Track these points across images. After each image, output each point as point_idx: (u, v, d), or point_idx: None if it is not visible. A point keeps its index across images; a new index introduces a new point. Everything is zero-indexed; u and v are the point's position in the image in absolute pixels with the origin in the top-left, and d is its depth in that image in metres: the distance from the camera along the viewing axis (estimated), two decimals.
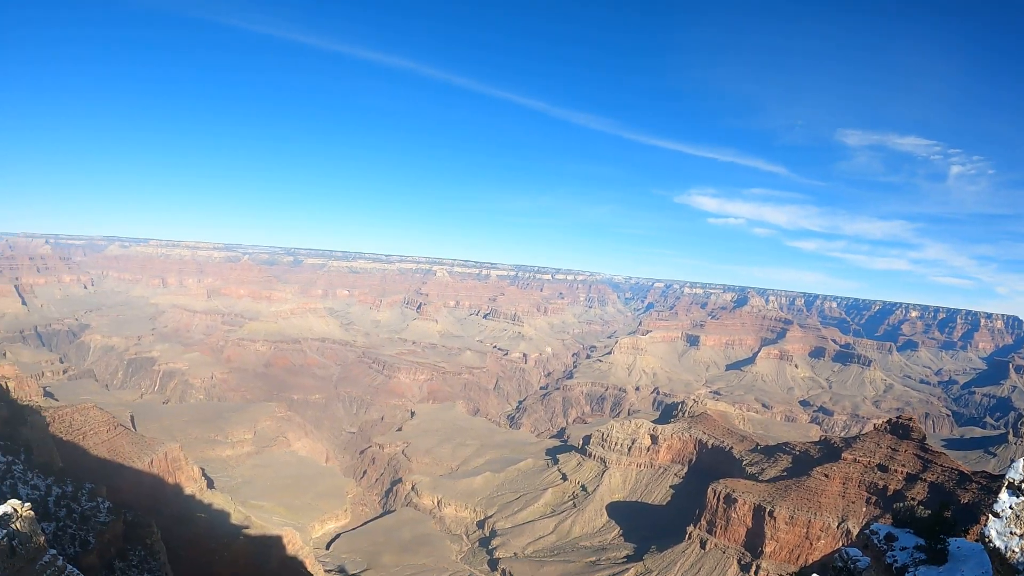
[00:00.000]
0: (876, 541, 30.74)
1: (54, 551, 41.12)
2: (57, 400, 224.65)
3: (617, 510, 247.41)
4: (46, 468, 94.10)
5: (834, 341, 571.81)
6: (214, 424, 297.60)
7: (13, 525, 36.42)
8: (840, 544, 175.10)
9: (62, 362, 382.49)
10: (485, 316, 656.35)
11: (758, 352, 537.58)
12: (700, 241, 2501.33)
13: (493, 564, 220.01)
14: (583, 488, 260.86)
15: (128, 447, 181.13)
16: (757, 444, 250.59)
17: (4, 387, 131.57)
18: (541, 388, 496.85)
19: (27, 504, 39.31)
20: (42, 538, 39.82)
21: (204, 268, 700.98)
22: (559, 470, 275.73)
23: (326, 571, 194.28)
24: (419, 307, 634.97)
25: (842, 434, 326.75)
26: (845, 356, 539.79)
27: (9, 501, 38.09)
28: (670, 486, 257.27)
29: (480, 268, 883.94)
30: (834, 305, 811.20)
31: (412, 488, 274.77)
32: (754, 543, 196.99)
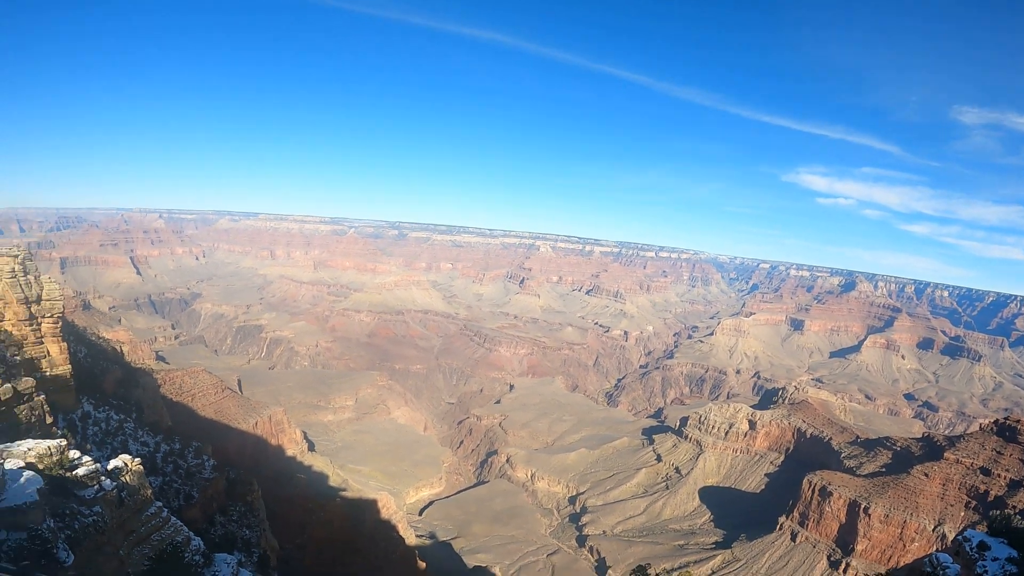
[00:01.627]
0: (968, 549, 30.37)
1: (160, 503, 43.96)
2: (168, 364, 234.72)
3: (709, 495, 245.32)
4: (155, 426, 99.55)
5: (944, 333, 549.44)
6: (317, 390, 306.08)
7: (123, 478, 39.28)
8: (934, 549, 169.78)
9: (174, 328, 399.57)
10: (587, 292, 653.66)
11: (864, 340, 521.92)
12: (808, 222, 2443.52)
13: (581, 540, 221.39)
14: (677, 470, 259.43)
15: (234, 409, 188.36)
16: (857, 436, 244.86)
17: (119, 351, 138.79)
18: (641, 367, 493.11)
19: (137, 459, 42.27)
20: (149, 491, 42.69)
21: (311, 241, 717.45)
22: (654, 450, 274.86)
23: (417, 536, 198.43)
24: (522, 282, 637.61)
25: (946, 432, 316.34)
26: (954, 349, 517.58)
27: (120, 456, 41.04)
28: (765, 474, 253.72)
29: (583, 244, 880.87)
30: (945, 294, 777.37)
31: (507, 460, 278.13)
32: (846, 540, 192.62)
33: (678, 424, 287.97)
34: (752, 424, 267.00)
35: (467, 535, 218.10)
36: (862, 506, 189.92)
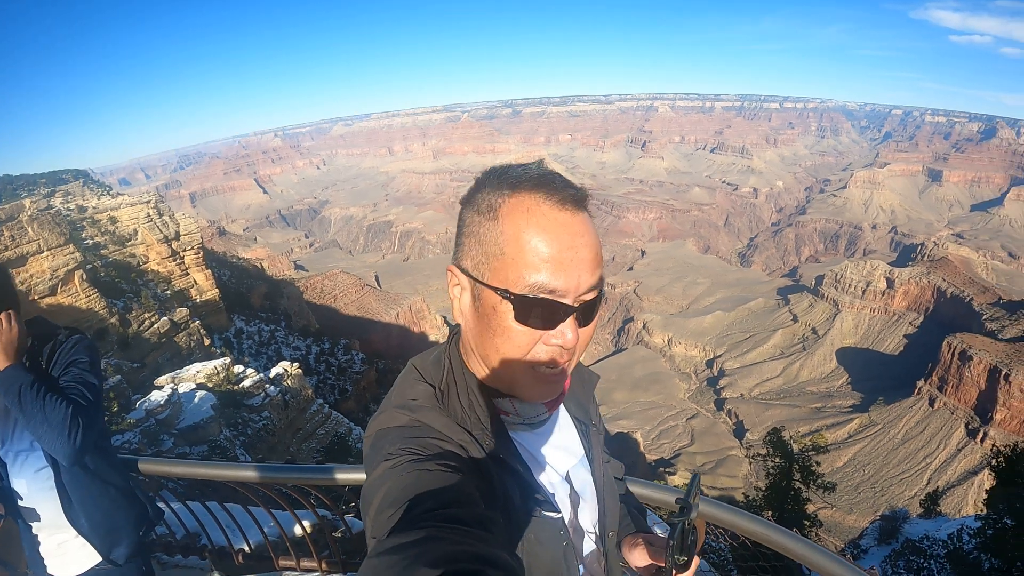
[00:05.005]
0: None
1: (320, 401, 48.60)
2: (307, 271, 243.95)
3: (847, 356, 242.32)
4: (305, 331, 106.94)
5: None
6: None
7: (285, 383, 43.71)
8: None
9: (307, 237, 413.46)
10: (712, 151, 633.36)
11: (1007, 192, 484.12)
12: (941, 62, 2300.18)
13: (719, 404, 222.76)
14: (813, 331, 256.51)
15: (375, 304, 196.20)
16: (1000, 298, 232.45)
17: (260, 267, 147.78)
18: (772, 224, 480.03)
19: (295, 364, 46.74)
20: (310, 391, 47.25)
21: (426, 132, 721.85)
22: (790, 311, 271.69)
23: None
24: (643, 145, 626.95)
25: None
26: None
27: (280, 363, 45.44)
28: (903, 335, 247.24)
29: (703, 100, 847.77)
30: None
31: (643, 326, 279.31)
32: (985, 407, 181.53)
33: (813, 283, 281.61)
34: (890, 282, 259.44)
35: (609, 402, 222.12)
36: (1003, 372, 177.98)
